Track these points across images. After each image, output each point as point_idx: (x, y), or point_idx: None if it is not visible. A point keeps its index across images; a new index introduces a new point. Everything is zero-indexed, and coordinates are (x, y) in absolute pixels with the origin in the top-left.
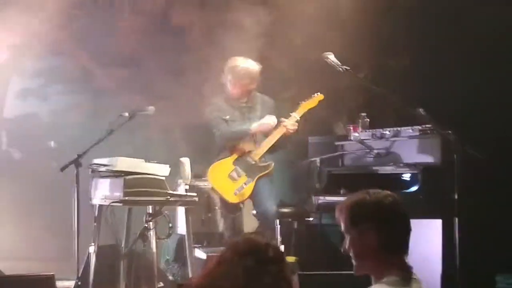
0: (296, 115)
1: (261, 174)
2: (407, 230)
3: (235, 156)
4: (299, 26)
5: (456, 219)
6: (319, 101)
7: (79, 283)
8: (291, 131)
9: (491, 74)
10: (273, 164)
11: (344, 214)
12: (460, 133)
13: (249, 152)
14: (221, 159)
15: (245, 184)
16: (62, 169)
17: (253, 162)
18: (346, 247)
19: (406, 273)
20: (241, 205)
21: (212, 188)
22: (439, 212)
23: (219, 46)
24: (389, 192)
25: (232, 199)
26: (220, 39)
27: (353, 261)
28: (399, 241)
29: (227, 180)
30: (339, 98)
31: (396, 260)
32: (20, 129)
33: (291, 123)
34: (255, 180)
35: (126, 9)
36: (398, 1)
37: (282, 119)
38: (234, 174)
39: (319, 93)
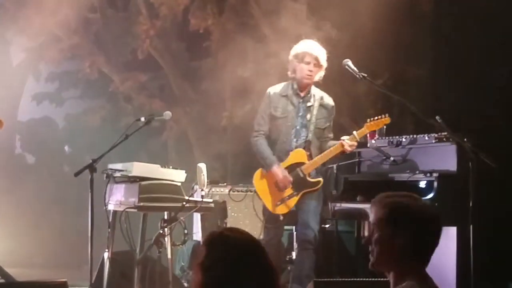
0: (357, 135)
1: (307, 190)
2: (437, 243)
3: (286, 163)
4: (319, 33)
5: (471, 227)
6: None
7: None
8: (349, 151)
9: (509, 83)
10: (322, 181)
11: (384, 210)
12: (476, 142)
13: (301, 163)
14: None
15: (289, 196)
16: (76, 174)
17: (302, 176)
18: (372, 240)
19: (425, 280)
20: (281, 217)
21: (255, 193)
22: (454, 220)
23: (237, 51)
24: (430, 203)
25: (273, 209)
26: (237, 45)
27: (373, 256)
28: (428, 251)
29: (272, 188)
30: (357, 105)
31: (418, 267)
32: (34, 133)
33: (350, 143)
34: (300, 194)
35: (143, 13)
36: (420, 9)
37: (344, 137)
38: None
39: (387, 115)
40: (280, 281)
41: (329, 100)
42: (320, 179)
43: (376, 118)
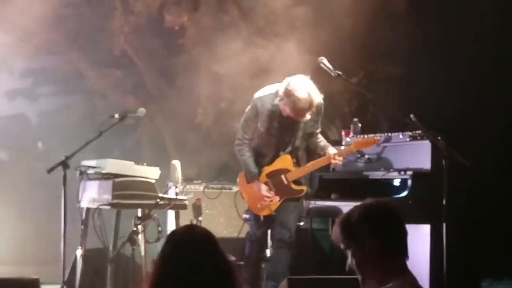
0: (344, 153)
1: (289, 198)
2: (402, 232)
3: (271, 168)
4: (294, 30)
5: (444, 225)
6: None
7: (65, 287)
8: (335, 166)
9: (483, 82)
10: (305, 190)
11: (339, 231)
12: (450, 140)
13: (286, 170)
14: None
15: (271, 200)
16: (49, 171)
17: (286, 183)
18: (350, 263)
19: (408, 279)
20: (261, 217)
21: (240, 193)
22: (428, 218)
23: (212, 48)
24: (379, 198)
25: (256, 210)
26: (212, 41)
27: (359, 276)
28: (396, 243)
29: (255, 192)
30: (332, 103)
31: (398, 265)
32: (7, 129)
33: (340, 158)
34: (281, 201)
35: (118, 9)
36: (394, 7)
37: (331, 150)
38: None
39: (379, 136)
40: (237, 279)
41: (317, 99)
42: (304, 187)
43: (366, 136)
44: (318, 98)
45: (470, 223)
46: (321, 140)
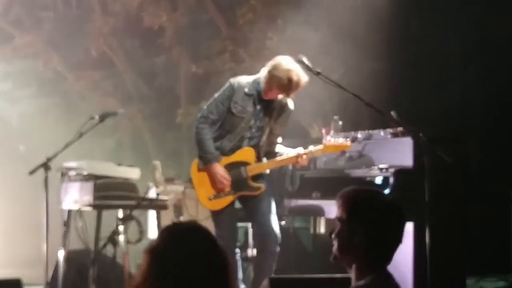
0: (314, 152)
1: (245, 193)
2: (399, 240)
3: (230, 159)
4: (274, 28)
5: (427, 222)
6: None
7: None
8: (301, 165)
9: (466, 78)
10: (263, 188)
11: (343, 206)
12: (433, 136)
13: (247, 163)
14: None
15: (224, 194)
16: (31, 172)
17: (245, 176)
18: (332, 234)
19: (385, 277)
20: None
21: (190, 182)
22: (411, 215)
23: (191, 48)
24: (393, 199)
25: (205, 203)
26: (191, 41)
27: (334, 250)
28: (389, 248)
29: (207, 182)
30: (313, 101)
31: (379, 264)
32: None
33: (306, 158)
34: (236, 195)
35: (96, 10)
36: (374, 3)
37: (300, 150)
38: None
39: (349, 141)
40: (231, 268)
41: (290, 106)
42: (262, 185)
43: (336, 140)
44: (306, 78)
45: (454, 221)
46: (279, 149)
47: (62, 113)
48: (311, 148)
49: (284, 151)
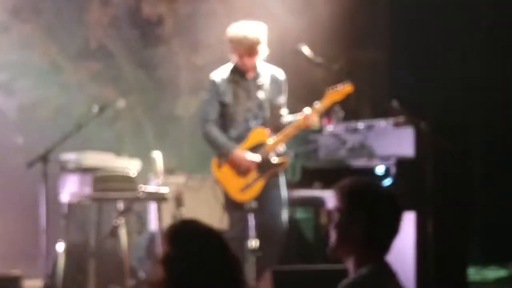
0: (320, 107)
1: (271, 170)
2: (396, 231)
3: (246, 145)
4: (274, 17)
5: (429, 212)
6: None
7: (48, 282)
8: (310, 126)
9: (468, 67)
10: (288, 159)
11: (342, 196)
12: (435, 125)
13: (263, 143)
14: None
15: (254, 181)
16: (29, 165)
17: (266, 157)
18: (331, 225)
19: (383, 267)
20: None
21: (216, 181)
22: (413, 205)
23: (191, 38)
24: (390, 190)
25: (238, 196)
26: (191, 31)
27: (332, 241)
28: (387, 239)
29: (234, 175)
30: (314, 91)
31: (377, 254)
32: None
33: (316, 116)
34: (265, 178)
35: (96, 1)
36: None
37: (306, 109)
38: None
39: (348, 83)
40: (243, 273)
41: (279, 75)
42: (286, 157)
43: (336, 86)
44: (259, 26)
45: (456, 210)
46: (286, 116)
47: (61, 104)
48: (316, 104)
49: (293, 119)
